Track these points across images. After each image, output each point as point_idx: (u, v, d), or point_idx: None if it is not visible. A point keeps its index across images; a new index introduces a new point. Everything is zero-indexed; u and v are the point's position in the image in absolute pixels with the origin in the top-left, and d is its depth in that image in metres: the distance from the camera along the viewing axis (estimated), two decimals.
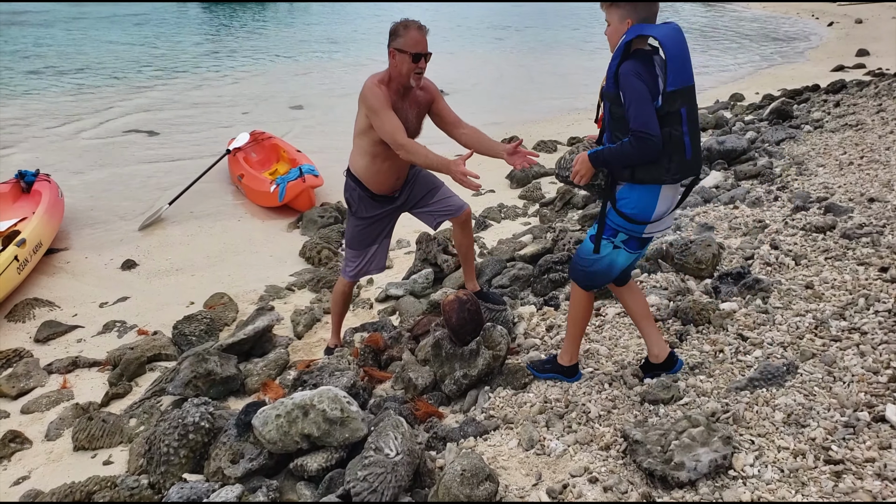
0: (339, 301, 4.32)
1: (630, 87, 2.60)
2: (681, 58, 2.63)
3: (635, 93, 2.58)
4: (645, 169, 2.69)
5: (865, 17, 29.41)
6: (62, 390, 4.48)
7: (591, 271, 2.95)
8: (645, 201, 2.76)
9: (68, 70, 17.40)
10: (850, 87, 11.56)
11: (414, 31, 3.43)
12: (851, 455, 2.38)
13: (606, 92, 2.75)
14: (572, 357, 3.25)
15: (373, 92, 3.48)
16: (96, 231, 7.66)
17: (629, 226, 2.82)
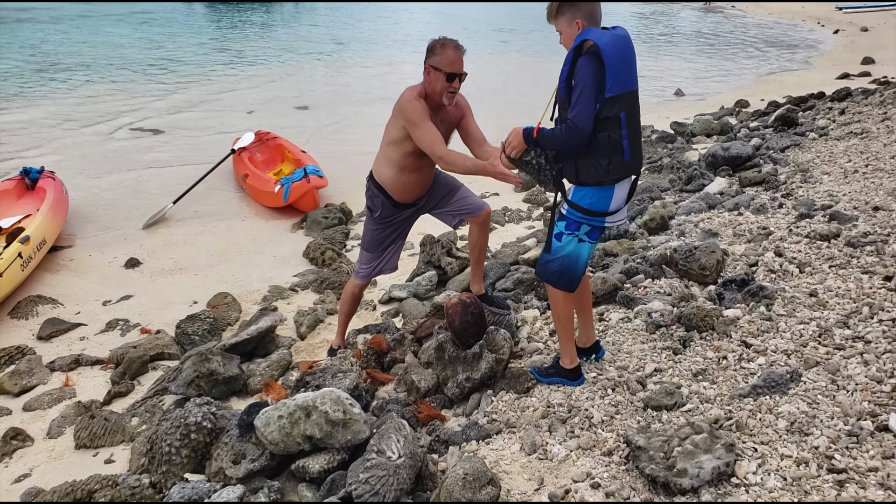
0: (348, 302, 4.30)
1: (582, 80, 2.74)
2: (622, 64, 2.77)
3: (584, 88, 2.73)
4: (586, 171, 2.87)
5: (871, 25, 29.38)
6: (64, 388, 4.49)
7: (561, 267, 3.04)
8: (599, 195, 2.92)
9: (74, 68, 17.44)
10: (856, 94, 11.54)
11: (451, 50, 3.43)
12: (854, 464, 2.38)
13: (559, 96, 2.91)
14: (572, 359, 3.26)
15: (412, 105, 3.47)
16: (100, 229, 7.68)
17: (590, 218, 2.96)
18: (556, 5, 2.92)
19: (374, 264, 4.07)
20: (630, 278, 4.46)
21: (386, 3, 42.61)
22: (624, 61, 2.78)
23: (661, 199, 6.61)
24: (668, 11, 42.79)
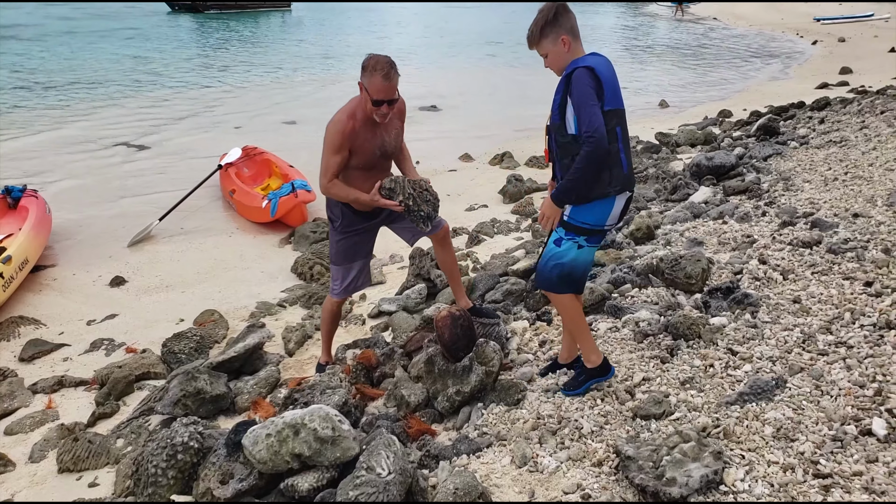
0: (328, 320, 4.32)
1: (580, 89, 2.78)
2: (613, 83, 2.88)
3: (584, 94, 2.77)
4: (588, 188, 2.89)
5: (848, 35, 29.83)
6: (47, 411, 4.43)
7: (562, 273, 3.06)
8: (599, 209, 2.96)
9: (59, 84, 17.37)
10: (834, 104, 11.71)
11: (378, 78, 3.47)
12: (839, 469, 2.39)
13: (553, 123, 2.96)
14: (597, 355, 3.24)
15: (330, 129, 3.62)
16: (84, 247, 7.62)
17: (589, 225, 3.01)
18: (538, 28, 2.95)
19: (346, 280, 4.08)
20: (617, 288, 4.49)
21: (374, 18, 42.77)
22: (615, 81, 2.90)
23: (646, 209, 6.66)
24: (646, 23, 43.25)
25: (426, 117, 15.11)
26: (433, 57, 25.83)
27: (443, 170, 10.84)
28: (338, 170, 3.67)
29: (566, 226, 3.02)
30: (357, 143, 3.63)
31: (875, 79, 16.60)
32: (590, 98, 2.76)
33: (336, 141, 3.60)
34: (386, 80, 3.48)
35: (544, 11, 2.94)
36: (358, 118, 3.61)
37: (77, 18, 37.01)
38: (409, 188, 3.66)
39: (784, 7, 46.96)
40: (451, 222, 7.89)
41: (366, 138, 3.65)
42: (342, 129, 3.58)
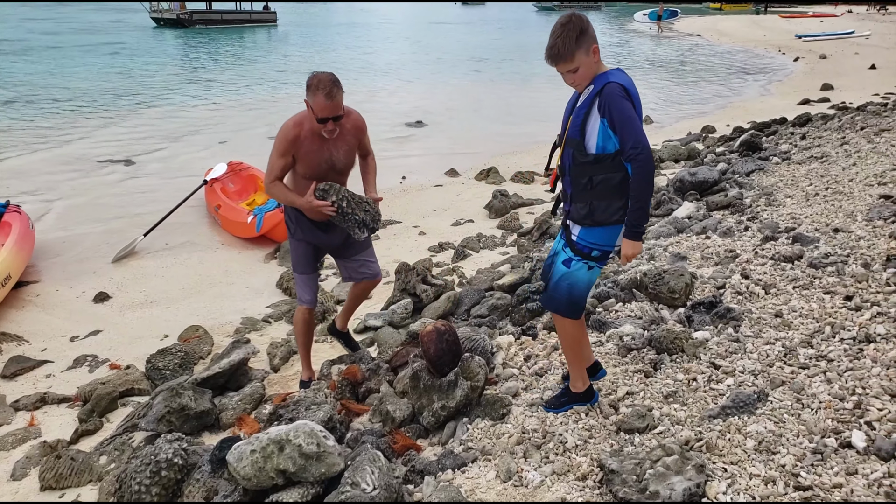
0: (303, 331, 4.38)
1: (622, 109, 2.69)
2: (639, 102, 2.83)
3: (628, 115, 2.70)
4: (602, 212, 2.86)
5: (829, 52, 30.32)
6: (29, 428, 4.38)
7: (570, 295, 3.00)
8: (609, 233, 2.92)
9: (43, 100, 17.31)
10: (816, 120, 11.89)
11: (321, 97, 3.59)
12: (820, 481, 2.42)
13: (571, 139, 2.86)
14: (584, 381, 3.25)
15: (280, 133, 3.78)
16: (68, 263, 7.57)
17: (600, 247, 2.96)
18: (571, 40, 2.74)
19: (312, 287, 4.24)
20: (601, 302, 4.52)
21: (360, 34, 42.94)
22: (639, 100, 2.84)
23: None
24: (630, 40, 43.75)
25: (412, 133, 15.19)
26: (419, 73, 26.00)
27: (429, 185, 10.89)
28: (280, 173, 3.85)
29: (575, 249, 2.97)
30: (302, 151, 3.77)
31: (855, 95, 16.88)
32: (631, 112, 2.71)
33: (280, 146, 3.77)
34: (328, 99, 3.60)
35: (573, 22, 2.75)
36: (305, 128, 3.75)
37: (62, 33, 36.97)
38: (344, 194, 3.83)
39: (766, 24, 47.67)
40: (437, 237, 7.95)
41: (311, 149, 3.78)
42: (287, 135, 3.74)
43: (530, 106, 18.80)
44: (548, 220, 7.59)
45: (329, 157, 3.85)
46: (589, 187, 2.85)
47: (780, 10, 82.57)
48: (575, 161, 2.87)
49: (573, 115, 2.87)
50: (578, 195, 2.90)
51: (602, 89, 2.74)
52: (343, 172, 3.99)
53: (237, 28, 47.88)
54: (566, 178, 2.97)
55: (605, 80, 2.77)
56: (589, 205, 2.87)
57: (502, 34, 49.64)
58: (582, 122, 2.81)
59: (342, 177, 3.99)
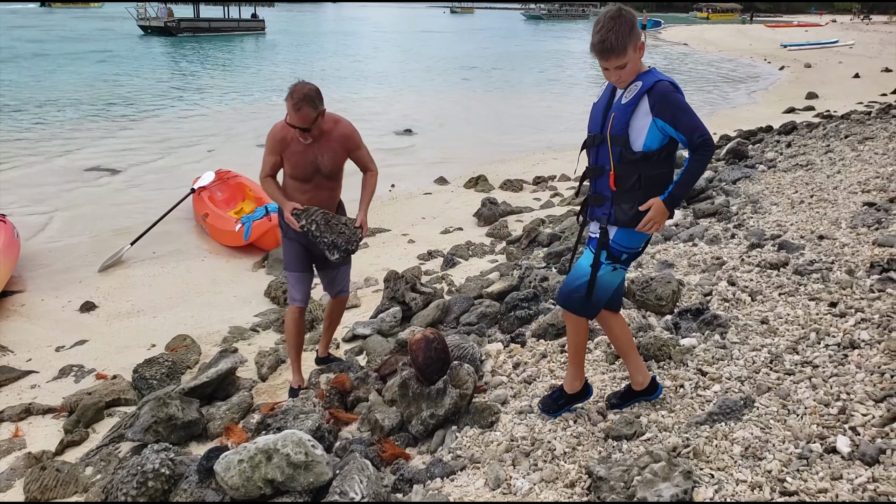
0: (294, 332, 4.46)
1: (677, 101, 2.65)
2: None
3: (685, 104, 2.66)
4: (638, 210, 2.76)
5: (814, 62, 30.68)
6: (14, 439, 4.34)
7: (595, 296, 2.92)
8: (640, 236, 2.88)
9: (28, 107, 17.22)
10: (801, 128, 12.02)
11: (291, 108, 3.82)
12: (805, 486, 2.44)
13: (615, 136, 2.75)
14: (581, 380, 3.21)
15: (271, 132, 4.04)
16: (54, 272, 7.52)
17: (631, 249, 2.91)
18: (624, 34, 2.64)
19: (303, 286, 4.36)
20: None
21: (350, 42, 42.97)
22: None
23: None
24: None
25: (402, 141, 15.22)
26: (409, 81, 26.08)
27: (418, 193, 10.91)
28: (271, 170, 4.10)
29: (608, 250, 2.88)
30: (288, 152, 4.00)
31: (840, 104, 17.09)
32: (687, 104, 2.66)
33: (269, 144, 4.04)
34: (294, 110, 3.81)
35: (625, 16, 2.66)
36: (292, 130, 3.94)
37: (49, 41, 36.82)
38: (319, 216, 4.06)
39: (752, 33, 48.13)
40: (426, 245, 7.96)
41: (296, 150, 3.98)
42: (275, 135, 3.99)
43: (519, 114, 18.90)
44: (536, 227, 7.62)
45: (314, 160, 4.02)
46: (637, 186, 2.75)
47: (765, 20, 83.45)
48: (622, 159, 2.76)
49: (615, 112, 2.77)
50: (624, 195, 2.79)
51: (652, 88, 2.67)
52: (331, 176, 4.13)
53: (225, 36, 47.84)
54: (602, 180, 2.86)
55: (653, 78, 2.70)
56: (636, 204, 2.76)
57: (491, 43, 49.90)
58: (628, 119, 2.72)
59: (330, 181, 4.14)
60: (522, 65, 33.35)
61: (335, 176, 4.16)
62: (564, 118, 18.56)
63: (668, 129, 2.67)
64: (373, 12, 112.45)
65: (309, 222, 4.04)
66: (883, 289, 3.96)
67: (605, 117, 2.82)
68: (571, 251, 3.15)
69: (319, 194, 4.14)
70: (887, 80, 20.73)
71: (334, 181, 4.19)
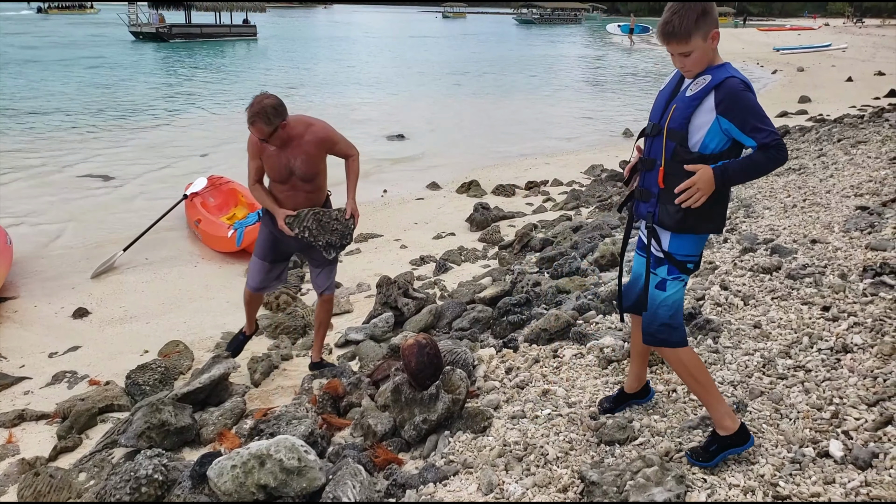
0: (246, 302, 4.87)
1: (747, 101, 2.42)
2: None
3: (756, 105, 2.42)
4: (702, 217, 2.54)
5: (807, 65, 30.86)
6: (7, 445, 4.32)
7: (672, 320, 2.66)
8: (699, 241, 2.66)
9: (19, 113, 17.15)
10: (793, 132, 12.08)
11: (248, 120, 3.97)
12: (798, 490, 2.45)
13: (672, 130, 2.54)
14: (733, 419, 2.68)
15: (249, 140, 4.20)
16: (47, 279, 7.48)
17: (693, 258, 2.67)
18: (691, 20, 2.43)
19: (261, 276, 4.59)
20: (582, 314, 4.55)
21: (343, 48, 42.98)
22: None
23: (611, 237, 6.77)
24: (611, 53, 44.23)
25: (394, 146, 15.23)
26: (401, 86, 26.11)
27: (410, 198, 10.92)
28: (256, 175, 4.30)
29: (673, 262, 2.62)
30: (265, 156, 4.17)
31: (833, 107, 17.19)
32: (758, 104, 2.43)
33: (249, 149, 4.23)
34: (249, 124, 3.97)
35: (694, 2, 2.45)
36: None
37: (40, 47, 36.73)
38: (311, 220, 4.20)
39: (745, 37, 48.41)
40: (419, 250, 7.96)
41: (271, 155, 4.14)
42: (250, 139, 4.16)
43: (511, 119, 18.94)
44: (529, 232, 7.63)
45: (287, 163, 4.15)
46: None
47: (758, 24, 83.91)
48: (675, 156, 2.54)
49: (677, 103, 2.56)
50: (671, 195, 2.53)
51: (721, 84, 2.45)
52: (306, 179, 4.25)
53: (217, 42, 47.77)
54: (652, 174, 2.63)
55: (724, 73, 2.48)
56: (686, 209, 2.52)
57: (483, 47, 50.02)
58: (690, 113, 2.50)
59: (307, 182, 4.26)
60: (514, 69, 33.44)
61: (312, 178, 4.27)
62: (556, 123, 18.63)
63: (733, 131, 2.45)
64: (364, 17, 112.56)
65: (302, 229, 4.18)
66: (876, 293, 3.98)
67: (667, 107, 2.60)
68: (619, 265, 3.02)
69: (297, 196, 4.29)
70: (880, 84, 20.87)
71: (311, 183, 4.29)
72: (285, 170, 4.17)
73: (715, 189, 2.46)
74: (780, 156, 2.41)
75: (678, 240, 2.60)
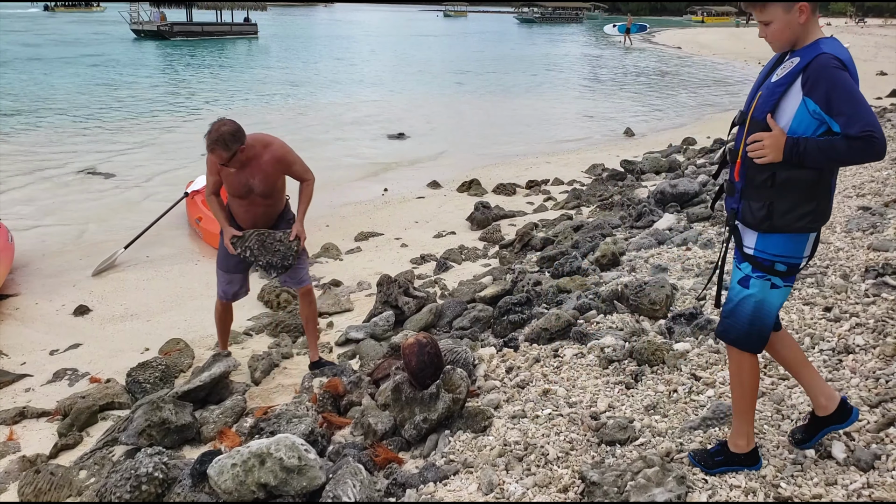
0: (216, 319, 5.01)
1: (849, 87, 2.13)
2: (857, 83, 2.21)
3: (851, 88, 2.14)
4: (787, 214, 2.28)
5: None
6: (8, 442, 4.32)
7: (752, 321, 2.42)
8: (794, 242, 2.34)
9: (22, 111, 17.15)
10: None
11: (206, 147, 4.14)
12: (799, 492, 2.44)
13: (756, 119, 2.32)
14: (749, 442, 2.57)
15: (208, 158, 4.31)
16: (48, 276, 7.48)
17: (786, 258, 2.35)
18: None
19: (227, 287, 4.77)
20: (583, 314, 4.54)
21: (344, 46, 42.96)
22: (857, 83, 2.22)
23: (612, 236, 6.77)
24: (613, 53, 44.20)
25: (395, 145, 15.22)
26: (402, 85, 26.10)
27: (411, 197, 10.91)
28: (214, 188, 4.47)
29: (755, 262, 2.38)
30: (224, 173, 4.31)
31: None
32: (853, 86, 2.14)
33: (208, 165, 4.38)
34: (209, 151, 4.14)
35: None
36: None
37: (42, 45, 36.74)
38: (253, 241, 4.43)
39: (746, 36, 48.35)
40: (419, 249, 7.95)
41: (229, 172, 4.29)
42: (209, 157, 4.24)
43: (512, 118, 18.93)
44: (529, 231, 7.63)
45: (246, 182, 4.32)
46: (769, 184, 2.28)
47: None
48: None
49: (763, 90, 2.34)
50: (753, 192, 2.33)
51: (811, 62, 2.18)
52: (265, 195, 4.43)
53: (218, 40, 47.75)
54: (739, 169, 2.39)
55: (815, 51, 2.20)
56: (768, 206, 2.29)
57: (484, 46, 49.99)
58: (777, 100, 2.26)
59: (266, 198, 4.45)
60: (515, 68, 33.42)
61: (270, 194, 4.45)
62: (557, 122, 18.61)
63: (823, 115, 2.18)
64: (365, 16, 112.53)
65: (243, 249, 4.42)
66: (878, 293, 3.97)
67: (756, 96, 2.38)
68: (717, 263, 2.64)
69: (255, 210, 4.49)
70: (882, 84, 20.81)
71: (270, 198, 4.48)
72: (244, 188, 4.35)
73: (783, 160, 2.22)
74: (867, 149, 2.11)
75: (765, 239, 2.35)
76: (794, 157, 2.20)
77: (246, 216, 4.51)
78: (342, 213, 9.94)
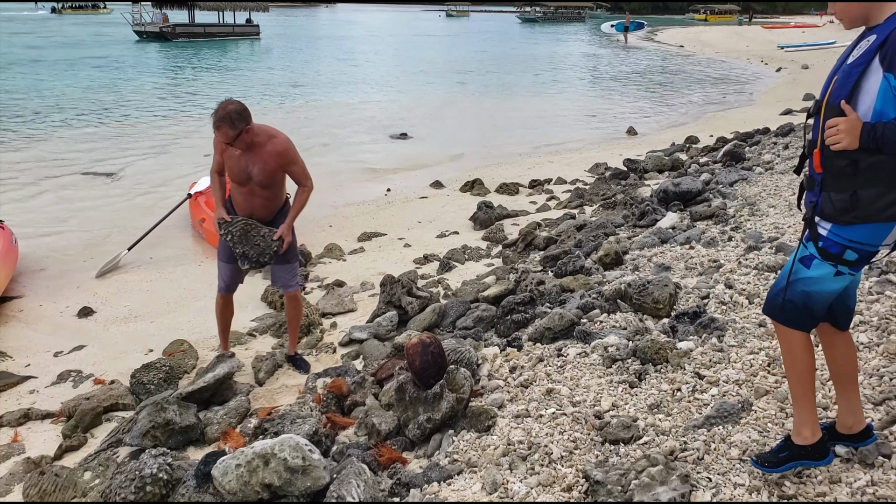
0: (217, 315, 5.05)
1: None
2: None
3: None
4: (871, 203, 2.14)
5: (811, 63, 30.75)
6: (13, 444, 4.33)
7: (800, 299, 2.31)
8: (873, 233, 2.20)
9: (24, 113, 17.20)
10: (798, 130, 12.03)
11: (212, 125, 4.20)
12: (804, 490, 2.44)
13: (831, 104, 2.19)
14: (814, 430, 2.41)
15: (214, 138, 4.38)
16: (52, 278, 7.50)
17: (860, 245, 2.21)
18: None
19: (228, 275, 4.79)
20: (586, 313, 4.54)
21: (347, 47, 43.02)
22: None
23: (615, 235, 6.76)
24: (616, 51, 44.16)
25: (397, 145, 15.23)
26: (405, 85, 26.11)
27: (414, 197, 10.91)
28: (217, 167, 4.55)
29: (824, 253, 2.25)
30: (226, 155, 4.39)
31: None
32: None
33: (214, 144, 4.47)
34: (215, 129, 4.19)
35: None
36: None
37: (44, 47, 36.83)
38: (238, 227, 4.46)
39: (749, 35, 48.28)
40: (422, 249, 7.95)
41: (231, 155, 4.37)
42: (216, 135, 4.29)
43: (515, 118, 18.92)
44: (533, 231, 7.62)
45: (245, 168, 4.37)
46: (851, 171, 2.14)
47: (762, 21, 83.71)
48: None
49: (839, 75, 2.20)
50: (834, 182, 2.19)
51: (888, 37, 2.05)
52: (263, 185, 4.45)
53: (220, 41, 47.84)
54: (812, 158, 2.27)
55: (892, 24, 2.07)
56: (851, 195, 2.15)
57: (486, 46, 49.99)
58: (855, 82, 2.12)
59: (264, 189, 4.48)
60: (518, 68, 33.41)
61: (268, 185, 4.47)
62: (560, 122, 18.60)
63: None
64: (367, 16, 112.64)
65: (225, 233, 4.48)
66: (881, 291, 3.97)
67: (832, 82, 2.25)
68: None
69: (253, 200, 4.52)
70: None
71: (268, 190, 4.50)
72: (244, 173, 4.38)
73: (860, 147, 2.07)
74: None
75: (841, 229, 2.21)
76: (872, 143, 2.05)
77: (245, 205, 4.55)
78: (345, 213, 9.94)
